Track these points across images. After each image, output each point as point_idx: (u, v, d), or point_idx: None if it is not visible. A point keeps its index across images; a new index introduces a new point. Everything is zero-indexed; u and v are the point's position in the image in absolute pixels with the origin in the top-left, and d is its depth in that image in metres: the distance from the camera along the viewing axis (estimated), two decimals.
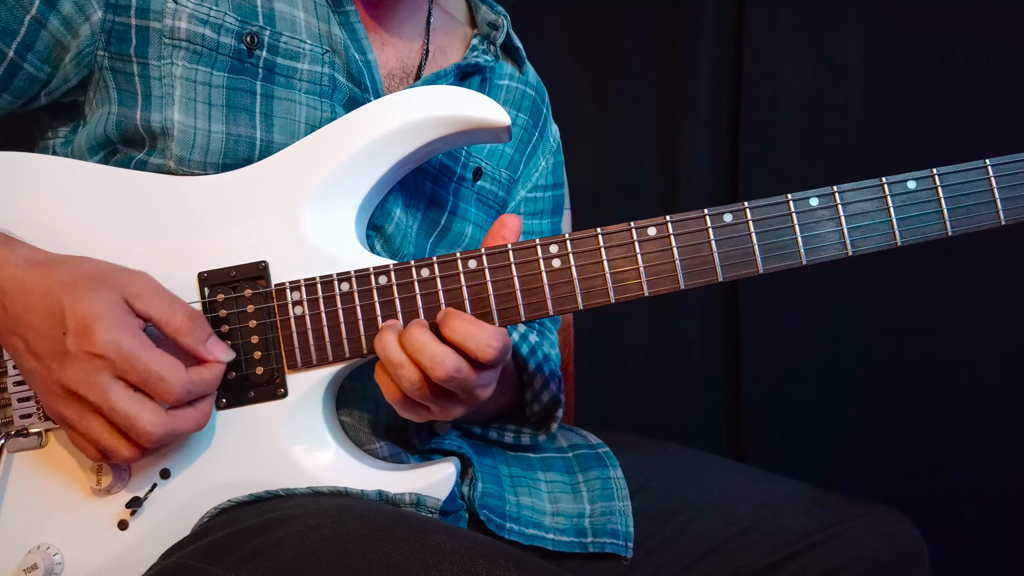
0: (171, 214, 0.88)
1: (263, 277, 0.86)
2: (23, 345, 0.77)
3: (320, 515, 0.78)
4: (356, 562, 0.71)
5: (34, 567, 0.82)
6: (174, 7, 0.88)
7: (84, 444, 0.79)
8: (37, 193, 0.87)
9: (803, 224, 0.85)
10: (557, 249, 0.86)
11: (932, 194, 0.85)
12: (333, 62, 0.94)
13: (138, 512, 0.84)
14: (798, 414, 1.84)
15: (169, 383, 0.76)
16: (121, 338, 0.75)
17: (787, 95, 1.77)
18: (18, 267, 0.78)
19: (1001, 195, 0.85)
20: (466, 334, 0.79)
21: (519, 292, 0.86)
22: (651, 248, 0.85)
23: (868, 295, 1.81)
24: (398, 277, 0.86)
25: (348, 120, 0.89)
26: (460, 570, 0.68)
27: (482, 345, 0.79)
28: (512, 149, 1.13)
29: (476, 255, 0.86)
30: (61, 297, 0.75)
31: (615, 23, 1.83)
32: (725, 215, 0.86)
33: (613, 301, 0.86)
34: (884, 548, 0.95)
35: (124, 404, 0.75)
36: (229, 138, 0.90)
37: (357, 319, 0.86)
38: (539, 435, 1.07)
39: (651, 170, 1.84)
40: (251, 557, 0.75)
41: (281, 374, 0.86)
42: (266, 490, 0.85)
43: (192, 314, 0.80)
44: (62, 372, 0.75)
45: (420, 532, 0.74)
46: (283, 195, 0.88)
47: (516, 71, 1.14)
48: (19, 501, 0.84)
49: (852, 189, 0.85)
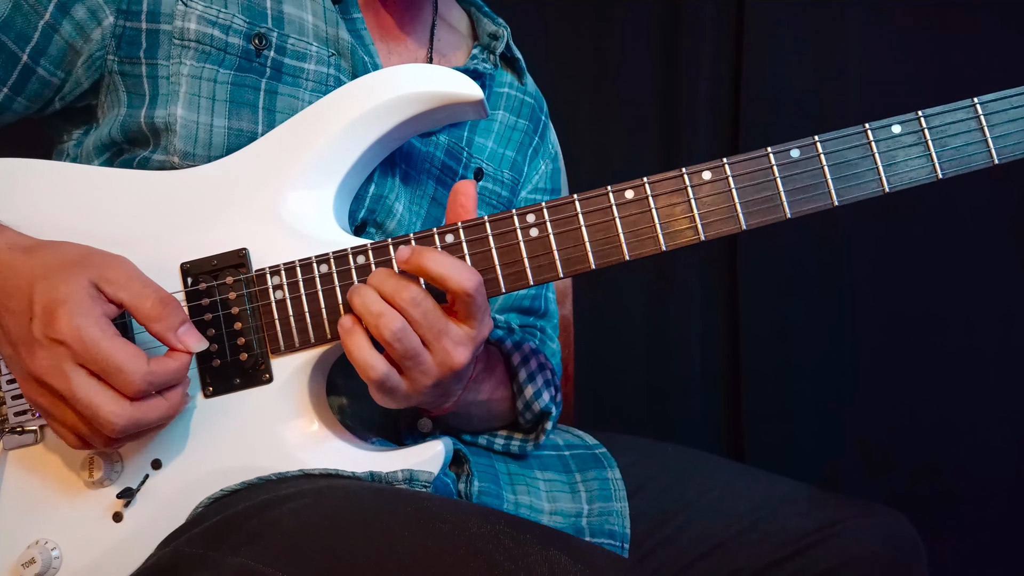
0: (152, 209, 0.89)
1: (244, 264, 0.86)
2: (0, 331, 0.78)
3: (314, 494, 0.78)
4: (353, 531, 0.71)
5: (32, 561, 0.82)
6: (184, 9, 0.90)
7: (63, 432, 0.79)
8: (21, 197, 0.88)
9: (784, 177, 0.83)
10: (534, 218, 0.85)
11: (919, 137, 0.82)
12: (339, 64, 0.96)
13: (131, 503, 0.84)
14: (798, 414, 1.83)
15: (127, 375, 0.74)
16: (83, 324, 0.74)
17: (787, 95, 1.77)
18: (3, 251, 0.79)
19: (992, 133, 0.82)
20: (444, 262, 0.79)
21: (498, 264, 0.84)
22: (630, 211, 0.84)
23: (869, 295, 1.81)
24: (376, 256, 0.85)
25: (322, 104, 0.90)
26: (452, 527, 0.68)
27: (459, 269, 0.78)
28: (514, 152, 1.13)
29: (453, 229, 0.85)
30: (35, 282, 0.76)
31: (615, 23, 1.84)
32: (704, 172, 0.84)
33: (594, 267, 0.84)
34: (882, 547, 0.95)
35: (85, 393, 0.74)
36: (231, 132, 0.91)
37: (337, 301, 0.85)
38: (528, 444, 1.05)
39: (651, 170, 1.82)
40: (248, 539, 0.75)
41: (265, 359, 0.86)
42: (258, 476, 0.84)
43: (163, 299, 0.79)
44: (31, 358, 0.75)
45: (413, 500, 0.74)
46: (262, 182, 0.88)
47: (516, 80, 1.16)
48: (16, 497, 0.85)
49: (834, 138, 0.83)
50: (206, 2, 0.91)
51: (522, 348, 1.05)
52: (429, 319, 0.79)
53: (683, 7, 1.81)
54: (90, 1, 0.89)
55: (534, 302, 1.16)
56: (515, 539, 0.67)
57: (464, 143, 1.07)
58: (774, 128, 1.77)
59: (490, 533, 0.67)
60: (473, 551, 0.65)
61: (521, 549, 0.65)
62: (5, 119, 0.94)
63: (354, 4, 0.99)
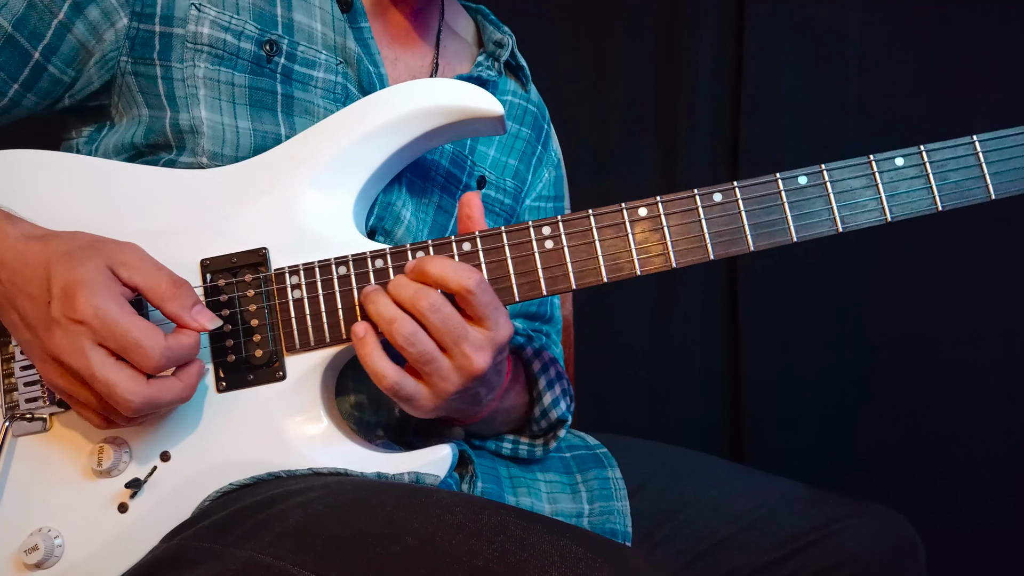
0: (174, 205, 0.90)
1: (263, 263, 0.88)
2: (17, 316, 0.79)
3: (321, 488, 0.79)
4: (359, 520, 0.71)
5: (35, 548, 0.82)
6: (197, 14, 0.92)
7: (87, 414, 0.80)
8: (42, 189, 0.90)
9: (792, 202, 0.86)
10: (550, 231, 0.87)
11: (920, 170, 0.86)
12: (346, 73, 0.98)
13: (138, 494, 0.85)
14: (798, 418, 1.82)
15: (147, 349, 0.76)
16: (101, 303, 0.75)
17: (787, 95, 1.78)
18: (18, 240, 0.80)
19: (990, 169, 0.86)
20: (445, 266, 0.81)
21: (513, 273, 0.87)
22: (642, 228, 0.87)
23: (871, 299, 1.80)
24: (394, 260, 0.87)
25: (347, 111, 0.92)
26: (463, 518, 0.69)
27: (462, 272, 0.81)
28: (516, 160, 1.16)
29: (470, 238, 0.87)
30: (52, 266, 0.77)
31: (615, 23, 1.85)
32: (715, 195, 0.87)
33: (606, 280, 0.87)
34: (881, 546, 0.96)
35: (103, 371, 0.75)
36: (257, 134, 0.93)
37: (354, 302, 0.87)
38: (537, 448, 1.07)
39: (651, 170, 1.84)
40: (254, 531, 0.76)
41: (280, 357, 0.87)
42: (268, 472, 0.85)
43: (176, 281, 0.81)
44: (50, 339, 0.76)
45: (421, 493, 0.75)
46: (283, 183, 0.90)
47: (520, 88, 1.18)
48: (21, 484, 0.86)
49: (840, 167, 0.87)
50: (219, 7, 0.93)
51: (542, 356, 1.07)
52: (448, 324, 0.80)
53: (683, 7, 1.82)
54: (104, 2, 0.91)
55: (540, 307, 1.18)
56: (524, 528, 0.68)
57: (467, 151, 1.10)
58: (774, 128, 1.78)
59: (500, 523, 0.69)
60: (483, 539, 0.66)
61: (531, 538, 0.66)
62: (16, 115, 0.95)
63: (362, 13, 1.01)
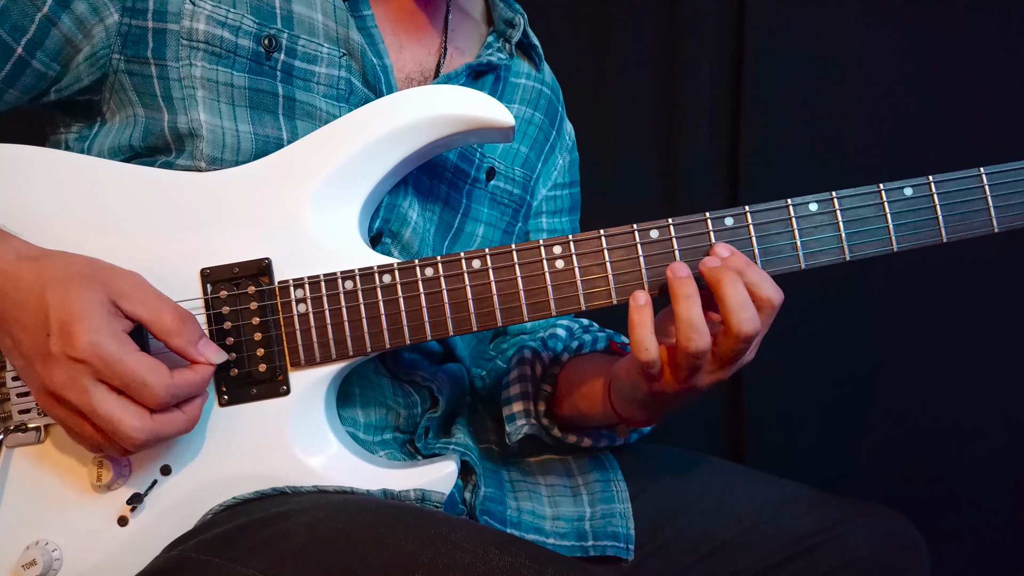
0: (174, 210, 0.87)
1: (266, 274, 0.86)
2: (11, 343, 0.77)
3: (328, 508, 0.79)
4: (368, 550, 0.71)
5: (32, 563, 0.81)
6: (192, 9, 0.88)
7: (81, 440, 0.79)
8: (35, 187, 0.86)
9: (802, 229, 0.87)
10: (560, 250, 0.86)
11: (928, 201, 0.87)
12: (350, 66, 0.94)
13: (139, 508, 0.83)
14: (799, 420, 1.83)
15: (152, 388, 0.75)
16: (101, 341, 0.73)
17: (787, 95, 1.77)
18: (9, 261, 0.77)
19: (995, 203, 0.87)
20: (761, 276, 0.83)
21: (522, 292, 0.86)
22: (653, 250, 0.86)
23: (870, 299, 1.81)
24: (402, 276, 0.86)
25: (352, 118, 0.90)
26: (473, 558, 0.69)
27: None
28: (527, 148, 1.13)
29: (480, 255, 0.86)
30: (47, 295, 0.74)
31: (615, 23, 1.82)
32: (726, 219, 0.87)
33: (615, 302, 0.87)
34: (884, 548, 0.96)
35: (106, 409, 0.74)
36: (258, 138, 0.90)
37: (361, 317, 0.86)
38: (618, 438, 1.07)
39: (651, 170, 1.83)
40: (258, 547, 0.75)
41: (284, 371, 0.86)
42: (272, 487, 0.85)
43: (182, 315, 0.79)
44: (47, 374, 0.74)
45: (431, 523, 0.75)
46: (287, 191, 0.88)
47: (532, 69, 1.15)
48: (18, 496, 0.84)
49: (850, 195, 0.87)
50: (215, 2, 0.89)
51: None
52: (739, 354, 0.84)
53: (683, 7, 1.80)
54: None
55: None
56: (537, 572, 0.68)
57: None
58: (774, 128, 1.78)
59: (511, 566, 0.68)
60: None
61: None
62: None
63: (364, 0, 0.97)
